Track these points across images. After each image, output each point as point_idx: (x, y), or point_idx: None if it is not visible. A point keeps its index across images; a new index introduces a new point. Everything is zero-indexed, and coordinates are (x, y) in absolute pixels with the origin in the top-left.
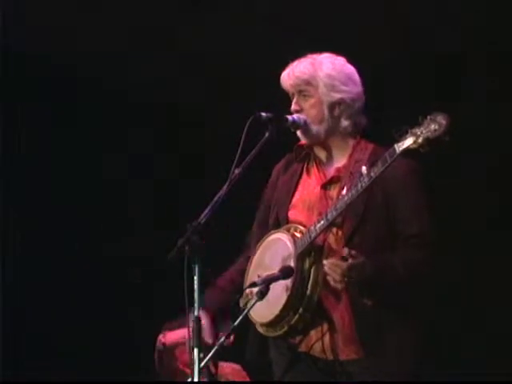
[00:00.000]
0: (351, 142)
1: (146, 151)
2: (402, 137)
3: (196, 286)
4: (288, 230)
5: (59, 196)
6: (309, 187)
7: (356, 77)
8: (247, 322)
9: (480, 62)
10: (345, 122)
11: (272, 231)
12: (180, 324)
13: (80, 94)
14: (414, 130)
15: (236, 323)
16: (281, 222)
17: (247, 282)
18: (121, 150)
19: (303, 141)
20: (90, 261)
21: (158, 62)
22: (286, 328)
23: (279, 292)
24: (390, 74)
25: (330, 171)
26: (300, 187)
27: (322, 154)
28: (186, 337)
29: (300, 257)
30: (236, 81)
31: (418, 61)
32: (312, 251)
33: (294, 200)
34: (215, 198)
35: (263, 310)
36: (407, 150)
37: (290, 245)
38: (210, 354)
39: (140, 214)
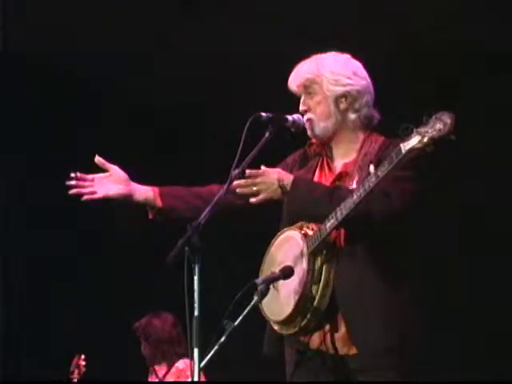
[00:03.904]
0: (361, 136)
1: (146, 152)
2: (407, 136)
3: (196, 286)
4: (300, 228)
5: None
6: None
7: (361, 71)
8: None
9: (480, 62)
10: (352, 116)
11: (285, 228)
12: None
13: (80, 94)
14: (419, 129)
15: (236, 323)
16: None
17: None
18: (120, 152)
19: (313, 139)
20: None
21: (158, 62)
22: (296, 328)
23: (291, 291)
24: (390, 74)
25: (339, 167)
26: None
27: (332, 150)
28: None
29: (311, 256)
30: (236, 81)
31: (418, 61)
32: (323, 250)
33: None
34: (215, 198)
35: (276, 308)
36: (412, 149)
37: (301, 243)
38: (209, 354)
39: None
